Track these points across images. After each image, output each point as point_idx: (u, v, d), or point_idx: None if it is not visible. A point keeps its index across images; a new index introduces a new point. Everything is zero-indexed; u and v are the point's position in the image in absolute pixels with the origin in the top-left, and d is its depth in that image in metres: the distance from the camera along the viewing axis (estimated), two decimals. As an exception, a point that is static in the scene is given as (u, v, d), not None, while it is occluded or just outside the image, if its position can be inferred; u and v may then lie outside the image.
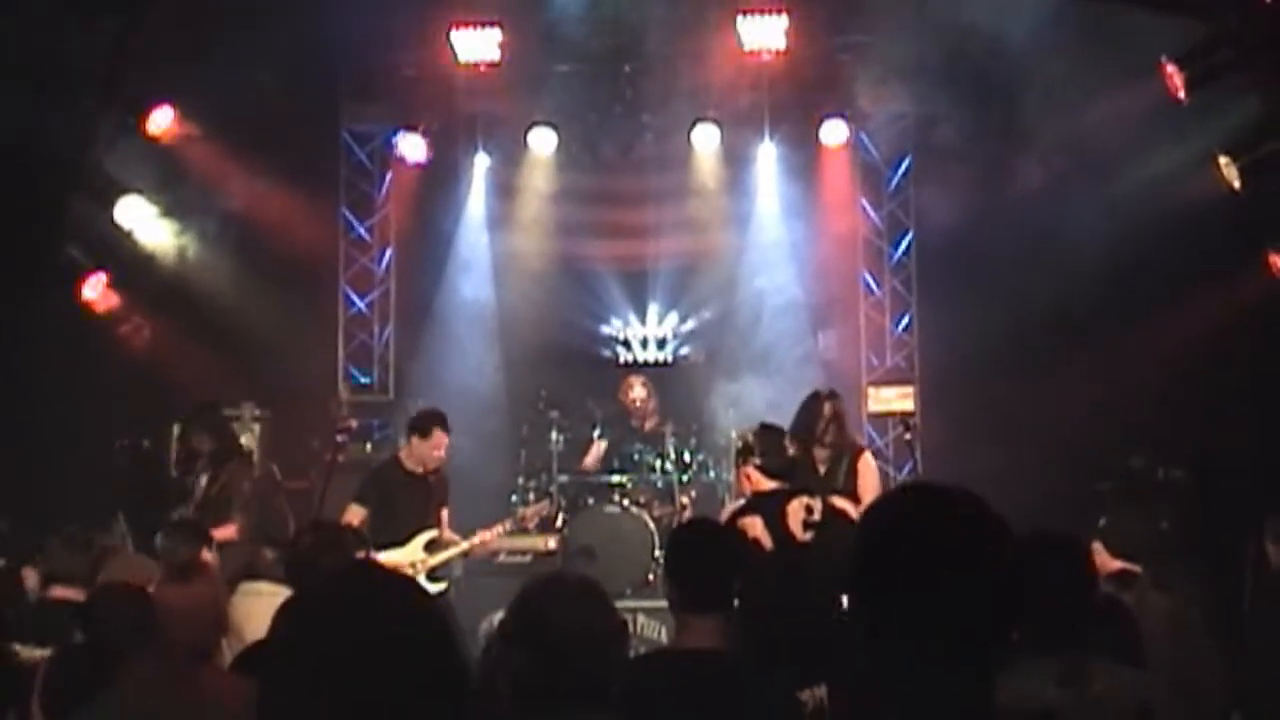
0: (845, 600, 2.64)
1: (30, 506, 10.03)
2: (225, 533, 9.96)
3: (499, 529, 11.15)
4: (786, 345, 14.85)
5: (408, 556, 10.46)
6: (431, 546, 10.68)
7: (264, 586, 7.45)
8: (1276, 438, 11.04)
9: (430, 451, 10.90)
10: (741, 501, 8.41)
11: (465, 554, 11.03)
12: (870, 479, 9.68)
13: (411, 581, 2.61)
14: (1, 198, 11.51)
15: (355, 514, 10.62)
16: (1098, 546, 7.12)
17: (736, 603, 5.20)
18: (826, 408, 9.83)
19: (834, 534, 7.30)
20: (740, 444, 8.52)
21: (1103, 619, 4.75)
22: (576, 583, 3.89)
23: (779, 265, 15.24)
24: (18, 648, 6.13)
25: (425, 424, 11.00)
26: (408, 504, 10.82)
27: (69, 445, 11.54)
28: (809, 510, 7.43)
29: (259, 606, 6.99)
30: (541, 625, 3.69)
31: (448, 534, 10.91)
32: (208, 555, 7.76)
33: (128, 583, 5.95)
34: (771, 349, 14.75)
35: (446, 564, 10.84)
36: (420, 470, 10.92)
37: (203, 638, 5.48)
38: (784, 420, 8.79)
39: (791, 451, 7.75)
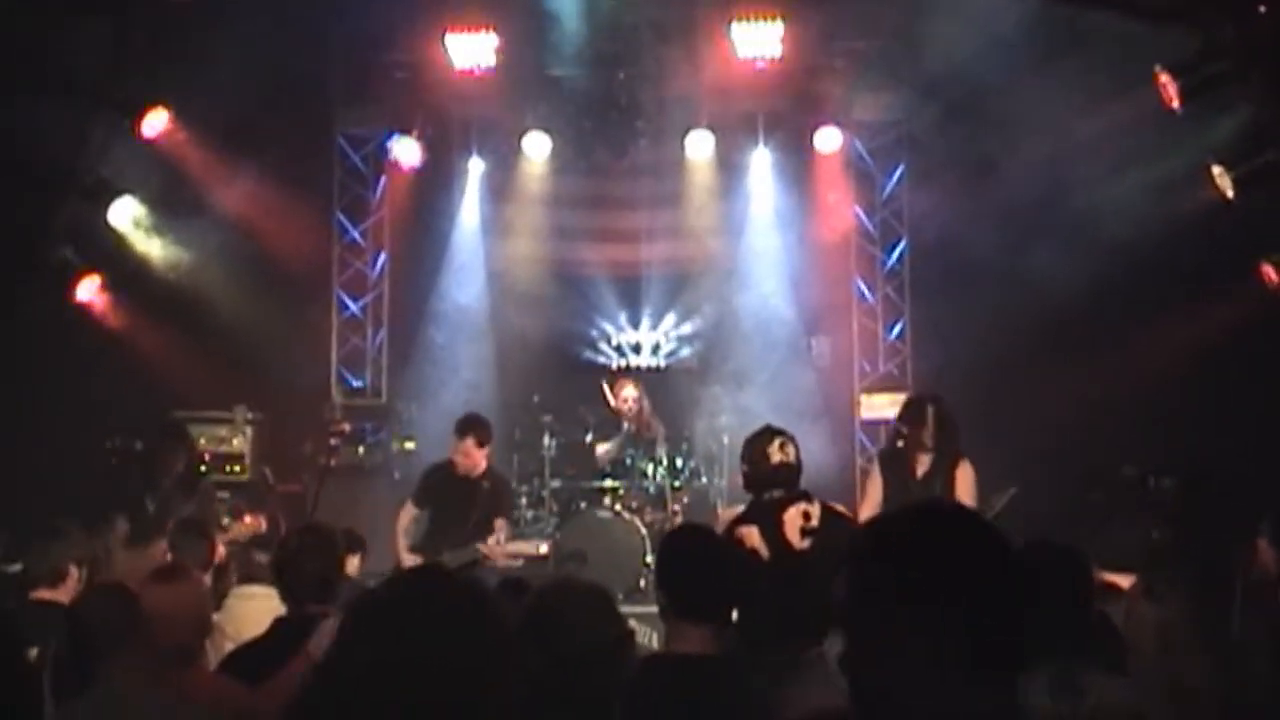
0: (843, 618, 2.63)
1: (22, 508, 10.00)
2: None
3: (500, 535, 11.01)
4: (779, 351, 14.88)
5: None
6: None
7: (257, 589, 7.47)
8: (1269, 448, 11.05)
9: (456, 455, 10.97)
10: (739, 509, 8.41)
11: (475, 563, 10.92)
12: (965, 485, 9.72)
13: (466, 587, 2.63)
14: (-4, 198, 11.52)
15: (408, 512, 10.94)
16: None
17: (735, 612, 5.21)
18: (930, 411, 9.90)
19: (832, 540, 7.26)
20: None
21: (1091, 633, 4.76)
22: (586, 588, 3.91)
23: (772, 272, 15.27)
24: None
25: (457, 427, 11.09)
26: (444, 505, 10.93)
27: (61, 447, 11.51)
28: (806, 517, 7.40)
29: (253, 609, 7.01)
30: (552, 628, 3.70)
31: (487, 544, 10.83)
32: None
33: (117, 583, 5.96)
34: (764, 355, 14.78)
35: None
36: (463, 474, 10.95)
37: (186, 639, 5.49)
38: (780, 425, 8.76)
39: (779, 458, 7.67)
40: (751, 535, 7.31)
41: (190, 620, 5.58)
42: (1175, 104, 9.92)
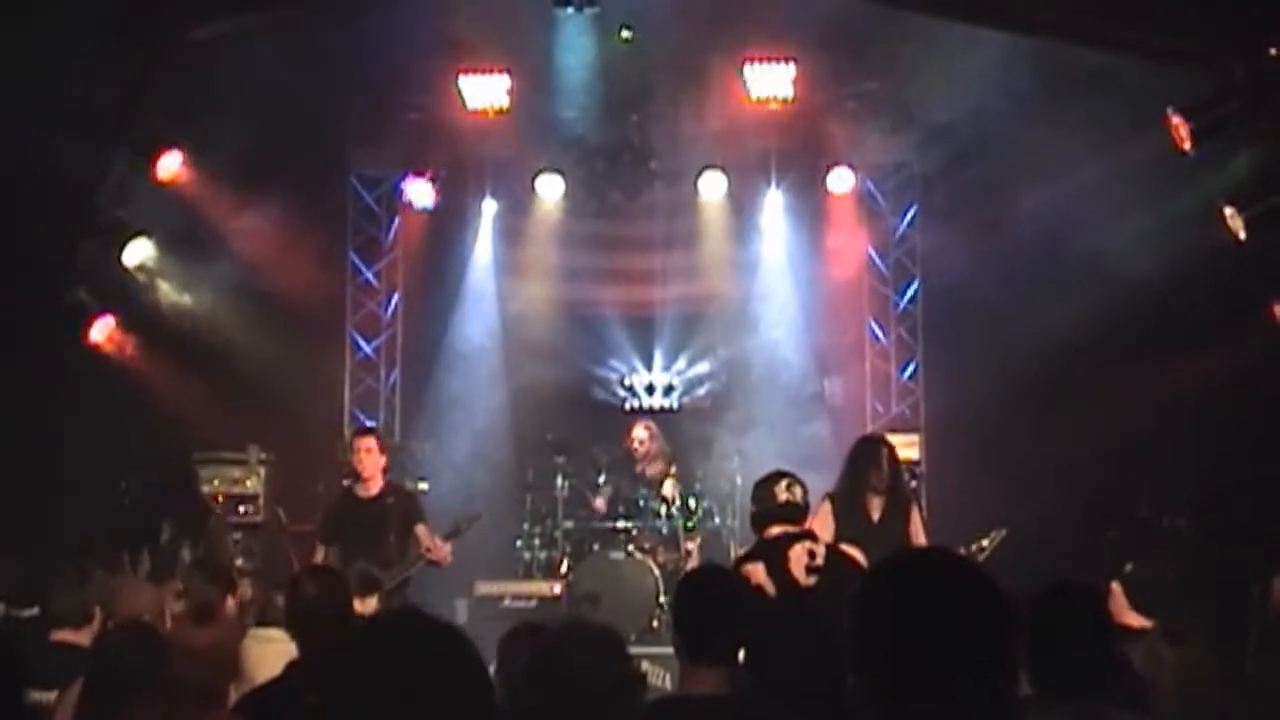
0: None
1: (38, 547, 10.01)
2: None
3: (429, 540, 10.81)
4: (792, 392, 14.89)
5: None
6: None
7: (274, 633, 7.44)
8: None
9: (357, 455, 11.01)
10: (746, 549, 8.41)
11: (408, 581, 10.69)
12: (920, 533, 9.56)
13: (450, 629, 2.64)
14: (11, 238, 11.55)
15: (318, 555, 10.71)
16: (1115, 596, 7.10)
17: (743, 651, 5.20)
18: (881, 453, 9.71)
19: (837, 577, 7.27)
20: None
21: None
22: (598, 631, 3.91)
23: (785, 312, 15.28)
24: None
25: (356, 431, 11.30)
26: (353, 534, 10.69)
27: (76, 486, 11.53)
28: (811, 555, 7.40)
29: (270, 652, 6.98)
30: (562, 669, 3.70)
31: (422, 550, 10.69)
32: (231, 603, 7.80)
33: (142, 621, 5.95)
34: (777, 396, 14.79)
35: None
36: (363, 497, 10.91)
37: (214, 681, 5.48)
38: (793, 466, 8.75)
39: (786, 497, 7.67)
40: (757, 572, 7.30)
41: (220, 663, 5.58)
42: (1187, 145, 9.95)
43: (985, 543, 9.97)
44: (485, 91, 14.14)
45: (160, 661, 5.21)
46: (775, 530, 7.55)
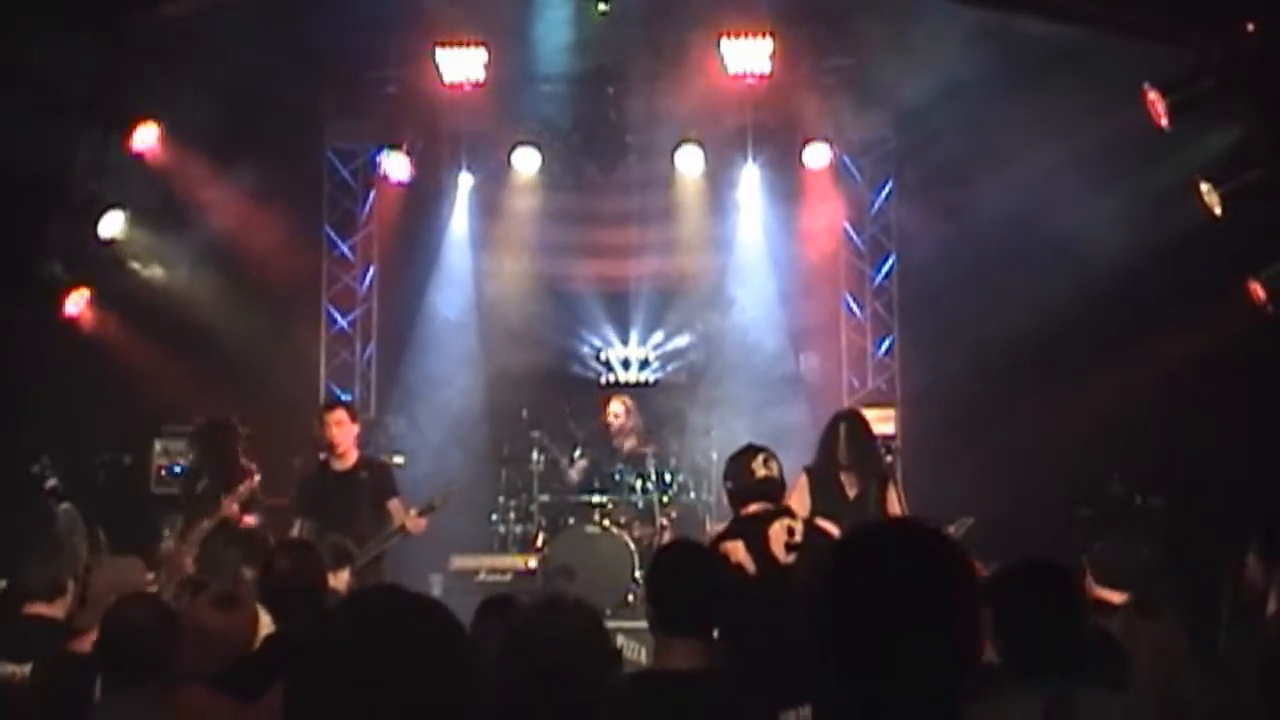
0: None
1: (9, 522, 9.98)
2: None
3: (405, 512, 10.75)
4: (768, 367, 14.89)
5: None
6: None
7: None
8: (1257, 464, 11.07)
9: (328, 429, 10.99)
10: (723, 526, 8.41)
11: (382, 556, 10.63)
12: (896, 509, 9.58)
13: (433, 604, 2.62)
14: (-17, 213, 11.50)
15: (296, 530, 10.70)
16: (1084, 574, 7.13)
17: (720, 627, 5.21)
18: (843, 428, 9.72)
19: (816, 554, 7.27)
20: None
21: (1090, 648, 4.77)
22: (573, 605, 3.91)
23: (761, 287, 15.28)
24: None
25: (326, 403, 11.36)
26: (328, 508, 10.66)
27: (50, 460, 11.47)
28: (790, 532, 7.40)
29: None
30: (537, 645, 3.71)
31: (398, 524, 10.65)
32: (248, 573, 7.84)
33: (150, 595, 5.91)
34: (753, 371, 14.79)
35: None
36: (337, 471, 10.90)
37: (223, 664, 5.46)
38: (769, 441, 8.76)
39: (764, 473, 7.67)
40: (737, 550, 7.30)
41: (237, 648, 5.57)
42: (1164, 122, 9.95)
43: (952, 529, 9.93)
44: (462, 64, 14.09)
45: (170, 640, 5.16)
46: (753, 507, 7.55)
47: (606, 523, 12.71)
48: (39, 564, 7.30)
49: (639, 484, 13.13)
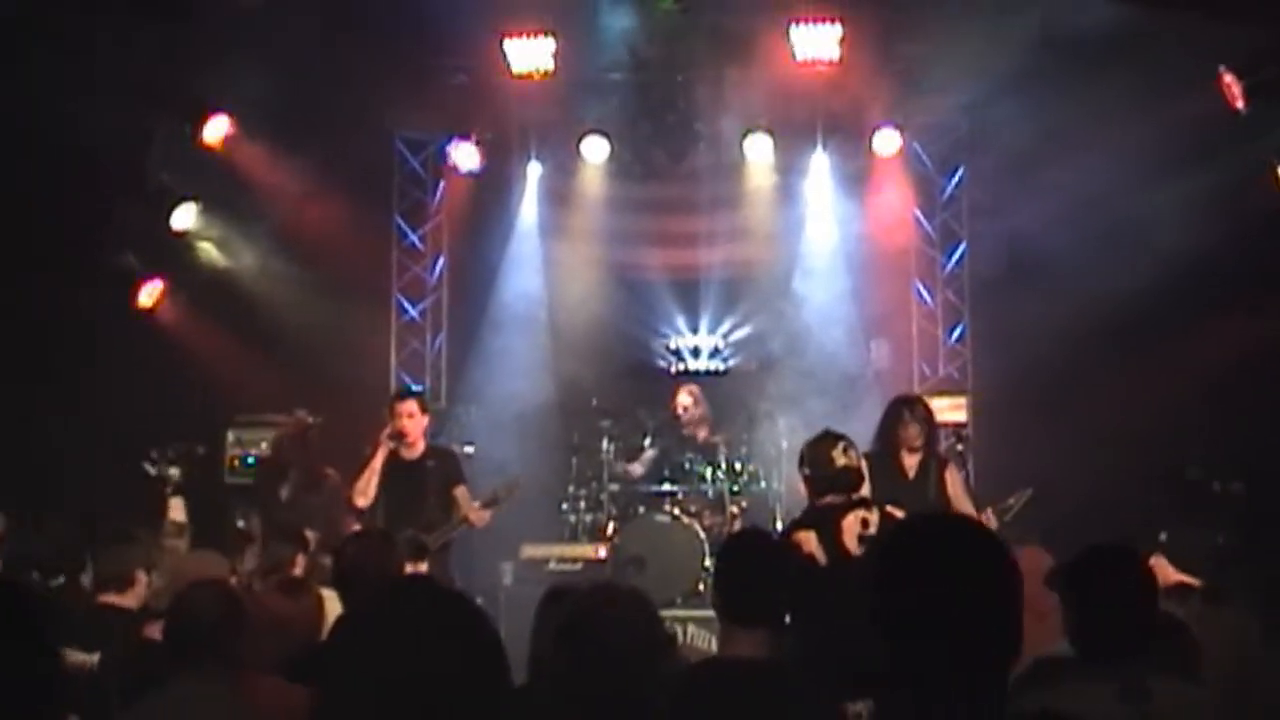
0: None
1: (85, 511, 10.09)
2: None
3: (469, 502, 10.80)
4: (839, 355, 14.80)
5: None
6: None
7: (326, 593, 7.48)
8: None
9: (400, 421, 10.97)
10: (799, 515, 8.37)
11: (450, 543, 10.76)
12: (957, 487, 9.79)
13: (459, 598, 2.61)
14: (59, 203, 11.62)
15: None
16: (1159, 560, 7.05)
17: (789, 617, 5.19)
18: (904, 411, 9.90)
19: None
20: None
21: (1161, 635, 4.73)
22: (627, 593, 3.90)
23: (831, 275, 15.19)
24: (66, 651, 6.15)
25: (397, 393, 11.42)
26: (394, 495, 10.72)
27: (123, 450, 11.60)
28: (865, 524, 7.36)
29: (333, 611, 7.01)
30: (591, 633, 3.70)
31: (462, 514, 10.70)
32: (302, 560, 7.90)
33: (217, 581, 5.95)
34: (824, 358, 14.70)
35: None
36: (406, 460, 10.89)
37: (291, 650, 5.48)
38: (840, 430, 8.72)
39: (844, 461, 7.61)
40: (809, 540, 7.27)
41: (305, 634, 5.59)
42: (1239, 104, 9.84)
43: (1011, 501, 10.08)
44: (530, 54, 14.06)
45: (238, 627, 5.16)
46: (830, 498, 7.51)
47: (677, 512, 12.70)
48: (110, 555, 7.38)
49: (709, 473, 13.12)
